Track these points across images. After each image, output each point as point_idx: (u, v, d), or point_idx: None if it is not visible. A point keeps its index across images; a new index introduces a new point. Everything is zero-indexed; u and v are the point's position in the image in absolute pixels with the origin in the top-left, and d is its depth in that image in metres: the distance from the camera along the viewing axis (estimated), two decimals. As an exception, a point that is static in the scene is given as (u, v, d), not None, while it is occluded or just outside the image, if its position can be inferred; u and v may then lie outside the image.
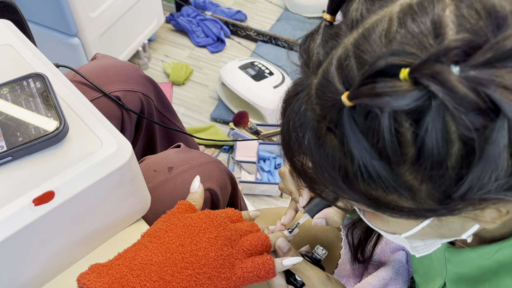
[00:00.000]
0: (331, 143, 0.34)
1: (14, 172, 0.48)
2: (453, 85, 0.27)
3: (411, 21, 0.31)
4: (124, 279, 0.47)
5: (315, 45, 0.37)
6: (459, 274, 0.52)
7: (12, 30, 0.63)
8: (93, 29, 1.47)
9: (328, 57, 0.35)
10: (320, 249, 0.62)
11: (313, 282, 0.56)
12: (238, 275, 0.53)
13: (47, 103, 0.52)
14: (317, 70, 0.36)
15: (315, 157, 0.36)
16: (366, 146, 0.31)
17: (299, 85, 0.38)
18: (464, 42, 0.28)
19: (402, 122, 0.30)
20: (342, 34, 0.35)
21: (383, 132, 0.30)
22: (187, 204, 0.57)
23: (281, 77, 1.64)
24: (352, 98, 0.31)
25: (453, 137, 0.29)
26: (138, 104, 0.81)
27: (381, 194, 0.34)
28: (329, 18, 0.38)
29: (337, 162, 0.34)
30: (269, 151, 1.56)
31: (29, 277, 0.51)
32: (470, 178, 0.29)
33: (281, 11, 2.13)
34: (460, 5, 0.30)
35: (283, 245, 0.57)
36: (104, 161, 0.49)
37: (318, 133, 0.35)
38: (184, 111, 1.73)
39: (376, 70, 0.29)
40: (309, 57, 0.37)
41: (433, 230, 0.40)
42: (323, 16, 0.38)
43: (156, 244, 0.51)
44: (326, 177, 0.36)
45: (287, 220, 0.63)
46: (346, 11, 0.36)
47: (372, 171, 0.32)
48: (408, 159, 0.30)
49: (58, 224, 0.49)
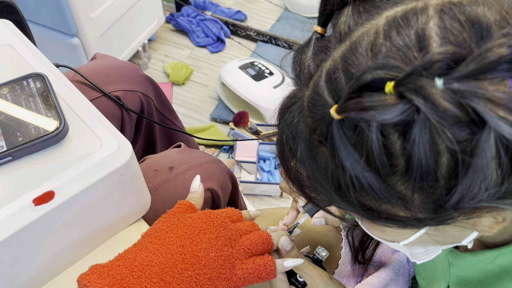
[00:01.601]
0: (323, 154, 0.35)
1: (14, 172, 0.48)
2: (435, 99, 0.27)
3: (396, 34, 0.31)
4: (124, 280, 0.47)
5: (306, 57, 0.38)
6: (462, 278, 0.52)
7: (12, 30, 0.63)
8: (93, 29, 1.47)
9: (318, 70, 0.35)
10: (322, 249, 0.62)
11: (316, 282, 0.56)
12: (239, 276, 0.52)
13: (47, 103, 0.52)
14: (309, 83, 0.36)
15: (308, 168, 0.36)
16: (356, 158, 0.31)
17: (292, 97, 0.38)
18: (447, 55, 0.28)
19: (389, 135, 0.30)
20: (331, 47, 0.35)
21: (371, 144, 0.30)
22: (187, 204, 0.57)
23: (281, 77, 1.64)
24: (340, 112, 0.31)
25: (441, 148, 0.29)
26: (138, 104, 0.81)
27: (374, 204, 0.34)
28: (319, 30, 0.38)
29: (330, 174, 0.35)
30: (269, 151, 1.56)
31: (29, 277, 0.51)
32: (460, 188, 0.29)
33: (281, 11, 2.13)
34: (444, 16, 0.30)
35: (286, 243, 0.57)
36: (104, 161, 0.49)
37: (310, 145, 0.36)
38: (184, 111, 1.73)
39: (362, 84, 0.30)
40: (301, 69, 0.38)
41: (431, 237, 0.40)
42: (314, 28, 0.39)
43: (156, 245, 0.51)
44: (319, 188, 0.37)
45: (289, 220, 0.63)
46: (335, 24, 0.36)
47: (364, 182, 0.32)
48: (398, 170, 0.31)
49: (58, 224, 0.49)
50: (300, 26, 2.03)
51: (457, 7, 0.30)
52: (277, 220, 0.79)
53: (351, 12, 0.35)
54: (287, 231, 0.61)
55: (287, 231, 0.61)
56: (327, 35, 0.38)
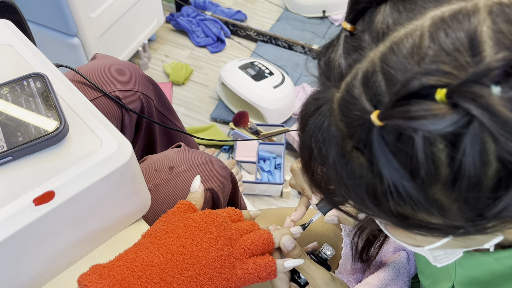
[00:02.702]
0: (358, 160, 0.33)
1: (14, 172, 0.48)
2: (496, 109, 0.25)
3: (445, 36, 0.29)
4: (125, 280, 0.47)
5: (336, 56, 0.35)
6: (470, 278, 0.52)
7: (12, 30, 0.63)
8: (93, 29, 1.47)
9: (352, 70, 0.33)
10: (327, 248, 0.61)
11: (317, 282, 0.56)
12: (239, 276, 0.52)
13: (47, 103, 0.52)
14: (339, 83, 0.34)
15: (340, 174, 0.35)
16: (396, 167, 0.30)
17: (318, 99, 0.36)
18: (504, 62, 0.26)
19: (436, 143, 0.28)
20: (366, 46, 0.33)
21: (416, 153, 0.29)
22: (187, 204, 0.57)
23: (281, 77, 1.64)
24: (384, 119, 0.29)
25: (491, 158, 0.28)
26: (138, 104, 0.81)
27: (409, 212, 0.33)
28: (349, 27, 0.36)
29: (364, 181, 0.33)
30: (269, 151, 1.56)
31: (29, 277, 0.51)
32: (506, 198, 0.29)
33: (281, 11, 2.13)
34: (497, 19, 0.28)
35: (287, 243, 0.56)
36: (104, 161, 0.49)
37: (343, 150, 0.34)
38: (184, 111, 1.73)
39: (410, 92, 0.28)
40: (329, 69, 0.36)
41: (458, 242, 0.39)
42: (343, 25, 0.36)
43: (157, 245, 0.51)
44: (351, 194, 0.35)
45: (298, 216, 0.63)
46: (370, 22, 0.34)
47: (402, 190, 0.31)
48: (442, 179, 0.29)
49: (58, 224, 0.49)
50: (300, 26, 2.03)
51: (510, 9, 0.29)
52: (277, 220, 0.79)
53: (389, 11, 0.33)
54: (300, 227, 0.61)
55: (300, 227, 0.60)
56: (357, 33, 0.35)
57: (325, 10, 2.07)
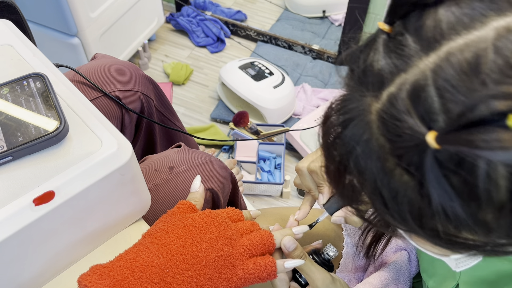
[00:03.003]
0: (401, 178, 0.31)
1: (14, 172, 0.48)
2: None
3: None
4: (125, 281, 0.47)
5: (373, 61, 0.32)
6: (475, 277, 0.52)
7: (12, 30, 0.63)
8: (93, 29, 1.47)
9: (395, 79, 0.30)
10: (330, 249, 0.61)
11: (317, 284, 0.56)
12: (239, 276, 0.52)
13: (47, 103, 0.52)
14: (379, 92, 0.31)
15: (380, 190, 0.32)
16: (449, 190, 0.28)
17: (352, 108, 0.33)
18: None
19: (498, 169, 0.26)
20: (413, 54, 0.30)
21: (476, 179, 0.27)
22: (187, 204, 0.57)
23: (281, 77, 1.64)
24: (443, 143, 0.27)
25: None
26: (138, 104, 0.81)
27: (452, 231, 0.31)
28: (387, 29, 0.32)
29: (408, 200, 0.31)
30: (269, 151, 1.56)
31: (29, 277, 0.51)
32: None
33: (281, 11, 2.13)
34: None
35: (288, 244, 0.56)
36: (104, 161, 0.49)
37: (384, 166, 0.31)
38: (184, 111, 1.73)
39: (477, 119, 0.26)
40: (365, 75, 0.33)
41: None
42: (379, 26, 0.33)
43: (157, 245, 0.51)
44: (388, 210, 0.33)
45: (301, 215, 0.63)
46: (418, 27, 0.30)
47: (451, 213, 0.29)
48: (497, 203, 0.28)
49: (58, 224, 0.49)
50: (300, 26, 2.03)
51: None
52: (278, 219, 0.79)
53: (443, 16, 0.29)
54: (308, 226, 0.60)
55: (307, 226, 0.60)
56: (397, 36, 0.32)
57: (325, 10, 2.07)
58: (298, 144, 1.55)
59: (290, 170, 1.59)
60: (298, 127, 1.55)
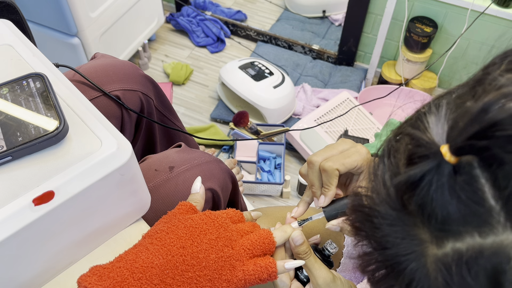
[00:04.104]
0: None
1: (14, 172, 0.48)
2: None
3: None
4: (125, 282, 0.47)
5: (434, 199, 0.27)
6: None
7: (12, 30, 0.62)
8: (93, 29, 1.47)
9: (465, 237, 0.26)
10: (330, 245, 0.61)
11: (318, 282, 0.55)
12: (240, 277, 0.52)
13: (47, 103, 0.52)
14: (441, 241, 0.26)
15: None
16: None
17: (403, 245, 0.28)
18: None
19: None
20: (494, 223, 0.25)
21: None
22: (188, 205, 0.57)
23: (281, 77, 1.64)
24: None
25: None
26: (137, 104, 0.81)
27: None
28: (453, 160, 0.26)
29: None
30: (269, 151, 1.56)
31: (29, 277, 0.51)
32: None
33: (281, 11, 2.13)
34: None
35: (296, 238, 0.56)
36: (104, 161, 0.49)
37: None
38: (184, 111, 1.73)
39: None
40: (422, 211, 0.27)
41: None
42: (442, 151, 0.27)
43: (157, 246, 0.51)
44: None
45: (299, 213, 0.62)
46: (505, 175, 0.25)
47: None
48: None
49: (58, 224, 0.49)
50: (300, 26, 2.03)
51: None
52: (278, 219, 0.79)
53: None
54: (297, 223, 0.60)
55: (297, 223, 0.60)
56: (466, 175, 0.26)
57: (325, 10, 2.07)
58: (298, 144, 1.55)
59: (290, 170, 1.59)
60: (298, 127, 1.55)
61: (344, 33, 1.77)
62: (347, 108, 1.63)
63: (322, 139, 1.54)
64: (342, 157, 0.58)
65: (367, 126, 1.62)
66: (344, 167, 0.57)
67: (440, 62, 1.70)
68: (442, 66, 1.71)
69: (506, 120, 0.24)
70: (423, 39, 1.61)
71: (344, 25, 1.75)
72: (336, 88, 1.79)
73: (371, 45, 1.78)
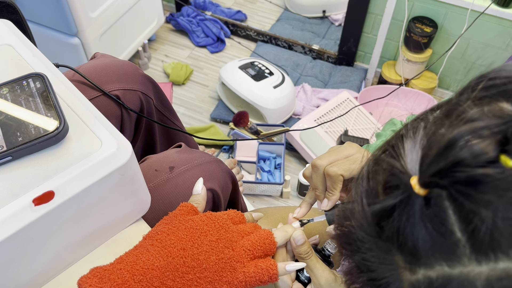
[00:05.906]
0: None
1: (14, 172, 0.48)
2: None
3: None
4: (125, 284, 0.46)
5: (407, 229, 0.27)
6: None
7: (12, 30, 0.62)
8: (93, 29, 1.47)
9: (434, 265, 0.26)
10: (330, 246, 0.61)
11: (320, 282, 0.55)
12: (240, 279, 0.52)
13: (47, 103, 0.51)
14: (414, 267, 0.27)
15: None
16: None
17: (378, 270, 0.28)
18: None
19: None
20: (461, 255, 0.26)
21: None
22: (189, 206, 0.57)
23: (281, 77, 1.64)
24: None
25: None
26: (137, 103, 0.81)
27: None
28: (422, 193, 0.27)
29: None
30: (269, 151, 1.56)
31: (29, 277, 0.51)
32: None
33: (281, 11, 2.13)
34: None
35: (298, 237, 0.56)
36: (104, 161, 0.49)
37: None
38: (184, 111, 1.73)
39: None
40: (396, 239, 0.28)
41: None
42: (412, 184, 0.27)
43: (157, 247, 0.50)
44: None
45: (301, 214, 0.62)
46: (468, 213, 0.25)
47: None
48: None
49: (58, 224, 0.49)
50: (300, 26, 2.03)
51: None
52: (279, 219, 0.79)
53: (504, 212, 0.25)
54: (298, 222, 0.60)
55: (298, 223, 0.60)
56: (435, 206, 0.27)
57: (325, 10, 2.07)
58: (298, 144, 1.55)
59: (290, 170, 1.59)
60: (298, 127, 1.55)
61: (344, 33, 1.77)
62: (347, 108, 1.63)
63: (322, 139, 1.54)
64: (347, 162, 0.58)
65: (367, 126, 1.62)
66: (349, 173, 0.57)
67: (440, 62, 1.70)
68: (442, 66, 1.71)
69: (467, 160, 0.25)
70: (423, 39, 1.61)
71: (344, 25, 1.75)
72: (336, 88, 1.79)
73: (371, 45, 1.78)
